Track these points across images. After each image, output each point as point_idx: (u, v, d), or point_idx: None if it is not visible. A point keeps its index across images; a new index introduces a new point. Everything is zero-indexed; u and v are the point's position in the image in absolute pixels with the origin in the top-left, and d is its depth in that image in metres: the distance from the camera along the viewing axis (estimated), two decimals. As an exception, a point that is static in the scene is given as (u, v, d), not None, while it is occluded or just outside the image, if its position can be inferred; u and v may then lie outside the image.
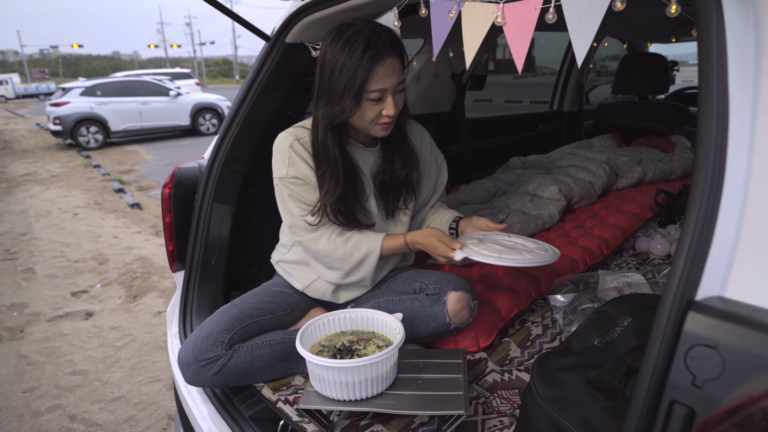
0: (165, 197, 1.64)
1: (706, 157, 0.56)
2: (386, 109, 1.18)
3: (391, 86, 1.16)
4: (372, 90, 1.15)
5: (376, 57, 1.13)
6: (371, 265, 1.32)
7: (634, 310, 1.09)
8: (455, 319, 1.29)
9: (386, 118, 1.20)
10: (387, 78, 1.15)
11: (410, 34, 2.28)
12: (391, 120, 1.21)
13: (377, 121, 1.21)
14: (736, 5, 0.57)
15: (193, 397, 1.33)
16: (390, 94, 1.18)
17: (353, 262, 1.31)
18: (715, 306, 0.53)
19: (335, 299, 1.43)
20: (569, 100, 3.60)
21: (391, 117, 1.20)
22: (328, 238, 1.30)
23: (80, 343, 2.78)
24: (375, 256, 1.30)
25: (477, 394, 1.22)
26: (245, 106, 1.61)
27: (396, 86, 1.18)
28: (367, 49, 1.12)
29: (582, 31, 0.83)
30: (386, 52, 1.14)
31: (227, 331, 1.23)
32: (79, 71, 74.95)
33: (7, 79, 31.20)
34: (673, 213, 2.21)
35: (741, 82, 0.56)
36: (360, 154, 1.34)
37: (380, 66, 1.14)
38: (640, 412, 0.57)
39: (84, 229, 4.92)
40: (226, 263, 1.67)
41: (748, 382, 0.48)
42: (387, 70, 1.15)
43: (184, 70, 21.25)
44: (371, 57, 1.12)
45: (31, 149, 10.62)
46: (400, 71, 1.18)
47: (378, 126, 1.22)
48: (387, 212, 1.38)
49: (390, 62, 1.15)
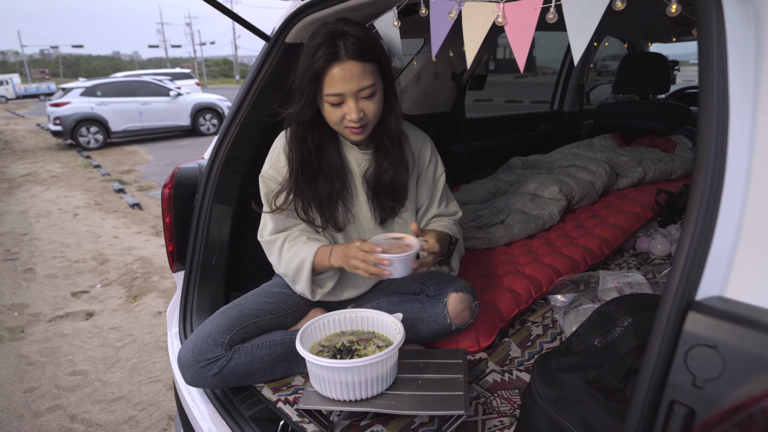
0: (165, 197, 1.64)
1: (706, 157, 0.56)
2: (348, 114, 1.14)
3: (348, 91, 1.12)
4: (328, 93, 1.12)
5: (331, 58, 1.10)
6: (306, 275, 1.25)
7: (634, 310, 1.09)
8: (456, 320, 1.29)
9: (351, 123, 1.16)
10: (342, 82, 1.11)
11: (410, 34, 2.28)
12: (360, 125, 1.17)
13: (344, 125, 1.18)
14: (736, 5, 0.56)
15: (194, 398, 1.33)
16: (351, 99, 1.13)
17: (293, 268, 1.27)
18: (715, 306, 0.53)
19: (334, 298, 1.42)
20: (570, 100, 3.60)
21: (356, 122, 1.16)
22: (281, 243, 1.29)
23: (80, 343, 2.78)
24: (308, 265, 1.24)
25: (477, 395, 1.22)
26: (245, 106, 1.61)
27: (357, 92, 1.13)
28: (322, 47, 1.10)
29: (580, 30, 0.83)
30: (345, 56, 1.10)
31: (227, 331, 1.23)
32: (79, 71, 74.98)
33: (8, 80, 31.22)
34: (674, 213, 2.21)
35: (741, 81, 0.56)
36: (353, 155, 1.32)
37: (336, 68, 1.10)
38: (641, 412, 0.57)
39: (84, 229, 4.92)
40: (226, 263, 1.67)
41: (748, 382, 0.48)
42: (343, 74, 1.10)
43: (185, 71, 21.25)
44: (324, 56, 1.10)
45: (32, 149, 10.63)
46: (362, 77, 1.12)
47: (347, 130, 1.19)
48: (381, 218, 1.35)
49: (348, 66, 1.10)
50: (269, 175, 1.30)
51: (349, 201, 1.31)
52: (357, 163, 1.32)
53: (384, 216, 1.34)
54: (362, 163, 1.32)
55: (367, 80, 1.13)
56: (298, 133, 1.23)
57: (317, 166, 1.26)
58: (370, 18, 1.36)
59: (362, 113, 1.15)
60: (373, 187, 1.31)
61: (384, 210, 1.33)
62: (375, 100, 1.17)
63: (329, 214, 1.29)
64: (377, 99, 1.17)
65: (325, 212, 1.29)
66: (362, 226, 1.36)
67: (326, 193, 1.27)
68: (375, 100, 1.17)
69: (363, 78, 1.12)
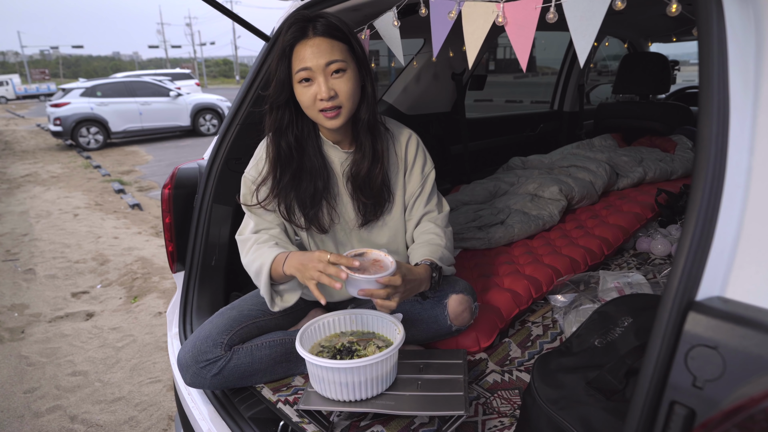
0: (165, 198, 1.64)
1: (706, 157, 0.55)
2: (318, 92, 1.12)
3: (316, 66, 1.11)
4: (297, 69, 1.13)
5: (299, 36, 1.12)
6: (263, 280, 1.19)
7: (634, 310, 1.09)
8: (456, 321, 1.29)
9: (323, 103, 1.14)
10: (312, 57, 1.11)
11: (410, 34, 2.28)
12: (332, 105, 1.14)
13: (317, 108, 1.15)
14: (736, 5, 0.56)
15: (194, 398, 1.33)
16: (321, 75, 1.12)
17: (253, 272, 1.22)
18: (715, 306, 0.52)
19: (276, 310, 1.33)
20: (570, 100, 3.60)
21: (327, 101, 1.13)
22: (251, 244, 1.25)
23: (81, 343, 2.78)
24: (266, 271, 1.18)
25: (477, 395, 1.22)
26: (245, 106, 1.61)
27: (325, 66, 1.11)
28: (292, 27, 1.12)
29: (583, 31, 0.83)
30: (314, 33, 1.12)
31: (226, 332, 1.23)
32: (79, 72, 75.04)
33: (8, 80, 31.24)
34: (674, 213, 2.21)
35: (741, 81, 0.56)
36: (333, 155, 1.29)
37: (303, 44, 1.12)
38: (641, 412, 0.57)
39: (84, 229, 4.92)
40: (226, 264, 1.67)
41: (748, 383, 0.48)
42: (312, 50, 1.11)
43: (185, 71, 21.27)
44: (293, 34, 1.12)
45: (32, 150, 10.63)
46: (331, 52, 1.12)
47: (321, 114, 1.16)
48: (365, 219, 1.30)
49: (316, 42, 1.11)
50: (250, 175, 1.28)
51: (332, 201, 1.28)
52: (339, 162, 1.28)
53: (368, 218, 1.30)
54: (345, 162, 1.28)
55: (336, 55, 1.13)
56: (278, 123, 1.21)
57: (299, 163, 1.24)
58: (370, 18, 1.36)
59: (333, 92, 1.13)
60: (353, 185, 1.27)
61: (367, 212, 1.29)
62: (346, 78, 1.14)
63: (313, 214, 1.26)
64: (349, 78, 1.15)
65: (308, 213, 1.26)
66: (347, 227, 1.32)
67: (309, 192, 1.24)
68: (346, 79, 1.15)
69: (331, 53, 1.12)
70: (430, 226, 1.36)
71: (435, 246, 1.29)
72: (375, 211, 1.30)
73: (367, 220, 1.30)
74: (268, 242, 1.24)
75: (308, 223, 1.27)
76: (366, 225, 1.32)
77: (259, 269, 1.19)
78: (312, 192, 1.24)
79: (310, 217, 1.26)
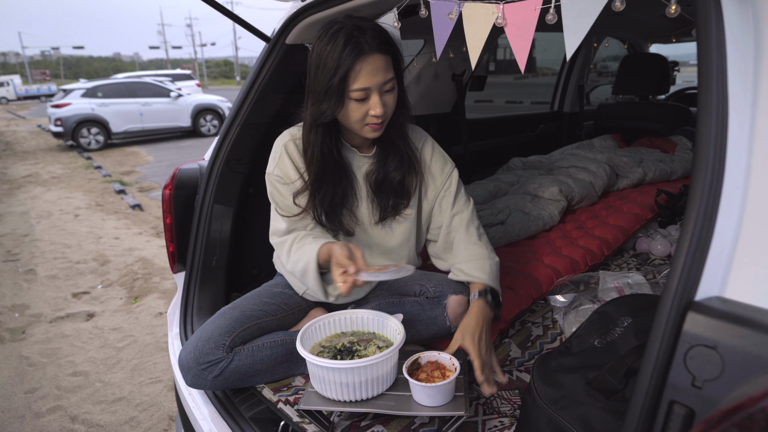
0: (166, 198, 1.64)
1: (705, 158, 0.56)
2: (372, 108, 1.13)
3: (374, 85, 1.11)
4: (354, 89, 1.11)
5: (358, 53, 1.09)
6: (312, 276, 1.21)
7: (634, 310, 1.09)
8: (455, 322, 1.29)
9: (374, 119, 1.15)
10: (370, 76, 1.10)
11: (410, 35, 2.28)
12: (381, 121, 1.16)
13: (365, 122, 1.16)
14: (735, 5, 0.57)
15: (194, 398, 1.33)
16: (376, 93, 1.12)
17: (299, 271, 1.25)
18: (714, 306, 0.53)
19: (332, 300, 1.40)
20: (570, 101, 3.60)
21: (379, 117, 1.15)
22: (290, 245, 1.27)
23: (81, 344, 2.78)
24: (313, 267, 1.20)
25: (477, 395, 1.22)
26: (246, 107, 1.61)
27: (382, 85, 1.12)
28: (348, 45, 1.09)
29: (576, 28, 0.83)
30: (370, 49, 1.09)
31: (228, 333, 1.23)
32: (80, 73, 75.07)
33: (9, 81, 31.26)
34: (674, 213, 2.21)
35: (740, 82, 0.56)
36: (354, 159, 1.31)
37: (362, 63, 1.09)
38: (640, 412, 0.57)
39: (85, 230, 4.93)
40: (226, 264, 1.67)
41: (747, 383, 0.48)
42: (370, 67, 1.10)
43: (185, 72, 21.28)
44: (351, 53, 1.08)
45: (33, 151, 10.64)
46: (386, 69, 1.12)
47: (367, 127, 1.17)
48: (380, 217, 1.32)
49: (373, 59, 1.10)
50: (275, 175, 1.29)
51: (354, 204, 1.31)
52: (358, 166, 1.31)
53: (384, 215, 1.33)
54: (363, 166, 1.31)
55: (390, 73, 1.13)
56: (317, 135, 1.21)
57: (333, 169, 1.25)
58: (369, 18, 1.36)
59: (385, 108, 1.15)
60: (378, 188, 1.30)
61: (385, 210, 1.32)
62: (394, 93, 1.17)
63: (338, 218, 1.29)
64: (396, 93, 1.18)
65: (337, 215, 1.28)
66: (363, 226, 1.35)
67: (339, 196, 1.26)
68: (394, 94, 1.17)
69: (386, 71, 1.13)
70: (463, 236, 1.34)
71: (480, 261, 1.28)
72: (392, 211, 1.33)
73: (381, 219, 1.33)
74: (305, 239, 1.26)
75: (336, 227, 1.29)
76: (381, 223, 1.34)
77: (304, 269, 1.21)
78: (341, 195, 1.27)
79: (337, 221, 1.28)
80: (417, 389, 1.07)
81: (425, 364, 1.15)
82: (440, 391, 1.05)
